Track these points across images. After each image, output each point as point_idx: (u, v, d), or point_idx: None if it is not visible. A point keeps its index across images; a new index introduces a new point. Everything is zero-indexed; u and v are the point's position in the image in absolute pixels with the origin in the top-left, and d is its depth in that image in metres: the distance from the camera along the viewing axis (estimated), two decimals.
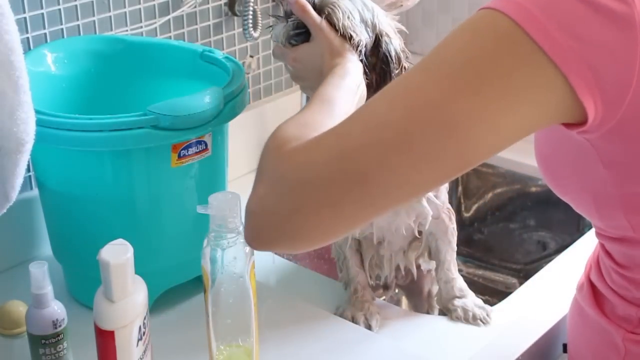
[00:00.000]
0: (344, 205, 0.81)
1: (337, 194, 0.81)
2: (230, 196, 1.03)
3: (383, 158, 0.80)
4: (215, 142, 1.19)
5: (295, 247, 0.87)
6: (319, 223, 0.83)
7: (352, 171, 0.80)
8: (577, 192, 0.98)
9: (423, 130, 0.79)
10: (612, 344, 1.02)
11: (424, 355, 1.17)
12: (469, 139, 0.79)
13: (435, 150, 0.79)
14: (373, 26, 1.13)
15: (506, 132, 0.81)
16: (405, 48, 1.16)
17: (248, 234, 0.87)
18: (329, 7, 1.10)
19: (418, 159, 0.80)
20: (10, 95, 0.90)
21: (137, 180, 1.17)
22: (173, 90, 1.24)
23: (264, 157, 0.89)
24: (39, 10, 1.31)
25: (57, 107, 1.19)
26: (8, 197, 0.96)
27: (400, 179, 0.80)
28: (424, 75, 0.82)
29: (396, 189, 0.81)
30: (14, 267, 1.34)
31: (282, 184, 0.84)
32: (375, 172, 0.80)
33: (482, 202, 1.79)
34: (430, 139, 0.79)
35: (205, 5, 1.54)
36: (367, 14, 1.13)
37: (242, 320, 1.06)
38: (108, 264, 0.96)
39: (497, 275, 1.76)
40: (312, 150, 0.84)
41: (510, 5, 0.80)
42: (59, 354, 1.07)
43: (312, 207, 0.82)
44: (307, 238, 0.84)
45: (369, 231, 1.23)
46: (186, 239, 1.21)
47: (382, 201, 0.82)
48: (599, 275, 1.06)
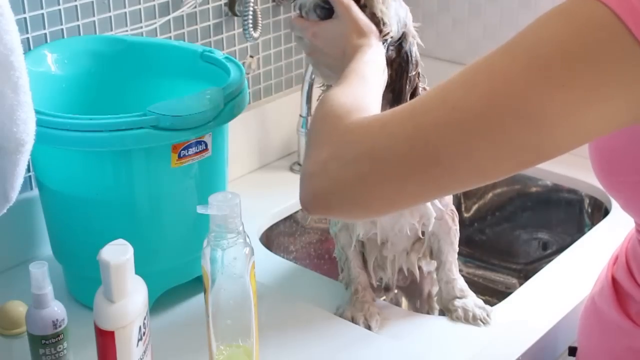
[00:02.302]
0: (409, 182, 0.80)
1: (405, 170, 0.80)
2: (230, 196, 1.03)
3: (458, 141, 0.78)
4: (215, 142, 1.19)
5: (353, 214, 0.86)
6: (381, 195, 0.82)
7: (424, 149, 0.79)
8: (634, 190, 0.93)
9: (504, 119, 0.77)
10: (634, 350, 0.98)
11: (424, 356, 1.17)
12: (552, 134, 0.77)
13: (514, 140, 0.77)
14: (403, 24, 1.13)
15: (591, 128, 0.78)
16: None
17: (305, 197, 0.86)
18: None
19: (494, 146, 0.78)
20: (10, 95, 0.90)
21: (137, 181, 1.17)
22: (173, 90, 1.24)
23: (324, 123, 0.87)
24: (39, 10, 1.31)
25: (57, 107, 1.19)
26: (8, 197, 0.96)
27: (471, 164, 0.79)
28: (510, 61, 0.78)
29: (465, 173, 0.80)
30: (14, 267, 1.34)
31: (350, 152, 0.82)
32: (448, 154, 0.78)
33: (482, 202, 1.79)
34: (511, 128, 0.77)
35: (205, 5, 1.54)
36: (401, 11, 1.13)
37: (242, 321, 1.06)
38: (108, 264, 0.96)
39: (497, 275, 1.76)
40: (386, 122, 0.82)
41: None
42: (59, 354, 1.07)
43: (378, 178, 0.81)
44: (366, 208, 0.84)
45: (372, 232, 1.23)
46: (186, 239, 1.21)
47: (448, 183, 0.81)
48: (627, 273, 1.01)
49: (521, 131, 0.77)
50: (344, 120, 0.85)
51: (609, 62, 0.75)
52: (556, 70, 0.76)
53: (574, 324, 1.16)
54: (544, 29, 0.79)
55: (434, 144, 0.79)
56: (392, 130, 0.81)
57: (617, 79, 0.75)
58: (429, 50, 2.00)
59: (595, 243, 1.44)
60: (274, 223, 1.56)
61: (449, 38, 1.92)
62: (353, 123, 0.85)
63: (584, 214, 1.67)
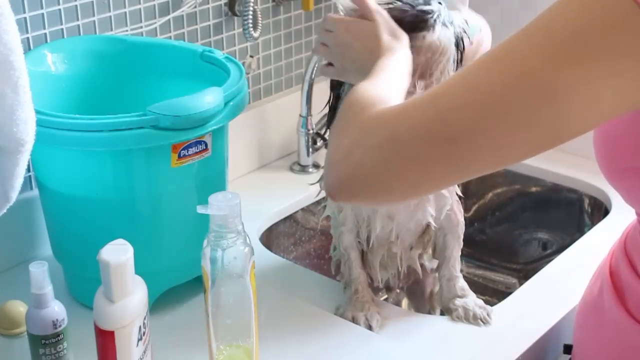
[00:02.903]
0: (432, 164, 0.82)
1: (427, 152, 0.81)
2: (230, 196, 1.03)
3: (477, 121, 0.80)
4: (215, 142, 1.19)
5: (378, 200, 0.88)
6: (404, 179, 0.83)
7: (445, 131, 0.81)
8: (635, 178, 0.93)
9: (521, 97, 0.78)
10: (634, 347, 0.97)
11: (424, 355, 1.17)
12: (568, 111, 0.78)
13: (531, 119, 0.79)
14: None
15: (606, 107, 0.79)
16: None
17: (330, 184, 0.87)
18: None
19: (512, 125, 0.79)
20: (10, 95, 0.90)
21: (137, 180, 1.17)
22: (173, 90, 1.24)
23: (348, 112, 0.90)
24: (39, 10, 1.31)
25: (57, 107, 1.19)
26: (8, 197, 0.96)
27: (491, 144, 0.80)
28: (527, 42, 0.80)
29: (487, 153, 0.81)
30: (14, 267, 1.34)
31: (372, 137, 0.84)
32: (468, 134, 0.80)
33: (482, 202, 1.79)
34: (528, 106, 0.78)
35: (205, 5, 1.54)
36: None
37: (242, 320, 1.06)
38: (108, 264, 0.96)
39: (497, 275, 1.76)
40: (408, 108, 0.84)
41: None
42: (59, 354, 1.07)
43: (400, 162, 0.83)
44: (391, 192, 0.85)
45: (389, 227, 1.23)
46: (186, 239, 1.21)
47: (471, 164, 0.82)
48: (627, 264, 1.00)
49: (538, 109, 0.78)
50: (368, 110, 0.88)
51: (624, 40, 0.76)
52: (571, 49, 0.77)
53: (573, 324, 1.16)
54: (561, 12, 0.80)
55: (454, 124, 0.81)
56: (412, 114, 0.83)
57: (632, 56, 0.76)
58: None
59: (595, 243, 1.44)
60: (274, 223, 1.56)
61: None
62: (376, 111, 0.87)
63: (584, 214, 1.67)
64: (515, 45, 0.81)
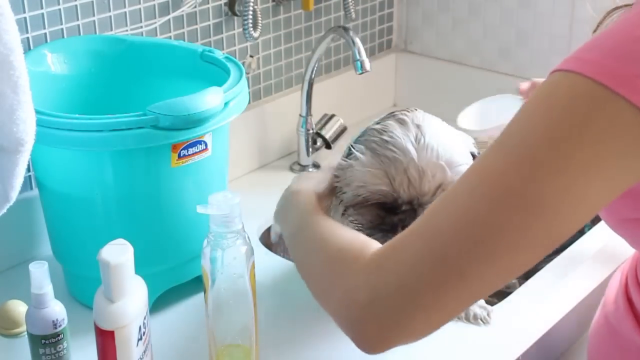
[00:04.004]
0: (446, 302, 0.80)
1: (437, 294, 0.80)
2: (230, 196, 1.03)
3: (475, 253, 0.78)
4: (215, 142, 1.19)
5: (410, 342, 0.86)
6: (425, 320, 0.82)
7: (447, 270, 0.79)
8: (637, 230, 0.92)
9: (509, 218, 0.76)
10: None
11: (424, 355, 1.17)
12: (557, 218, 0.76)
13: (525, 237, 0.77)
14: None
15: (597, 199, 0.77)
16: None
17: (361, 344, 0.88)
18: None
19: (510, 247, 0.77)
20: (10, 95, 0.90)
21: (137, 180, 1.17)
22: (173, 90, 1.24)
23: (339, 267, 0.89)
24: (39, 10, 1.31)
25: (57, 107, 1.19)
26: (8, 197, 0.95)
27: (494, 269, 0.78)
28: (502, 160, 0.78)
29: (493, 277, 0.79)
30: (14, 267, 1.34)
31: (380, 293, 0.82)
32: (470, 267, 0.78)
33: None
34: (519, 226, 0.76)
35: (205, 5, 1.54)
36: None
37: (242, 320, 1.06)
38: (108, 264, 0.96)
39: None
40: (399, 253, 0.82)
41: (584, 64, 0.74)
42: (59, 354, 1.07)
43: (416, 309, 0.81)
44: (419, 334, 0.85)
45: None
46: (186, 239, 1.21)
47: (481, 290, 0.81)
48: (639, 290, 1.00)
49: (529, 226, 0.76)
50: (362, 260, 0.86)
51: (599, 133, 0.73)
52: (546, 159, 0.75)
53: (573, 324, 1.16)
54: (528, 119, 0.78)
55: (454, 262, 0.79)
56: (409, 260, 0.81)
57: (615, 145, 0.74)
58: (429, 50, 2.00)
59: (595, 243, 1.44)
60: (274, 223, 1.56)
61: (449, 38, 1.92)
62: (371, 261, 0.85)
63: None
64: (492, 165, 0.78)
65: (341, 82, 1.85)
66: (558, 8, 1.73)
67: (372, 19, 1.91)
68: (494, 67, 1.86)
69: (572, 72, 0.75)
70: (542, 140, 0.75)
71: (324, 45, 1.62)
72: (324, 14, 1.78)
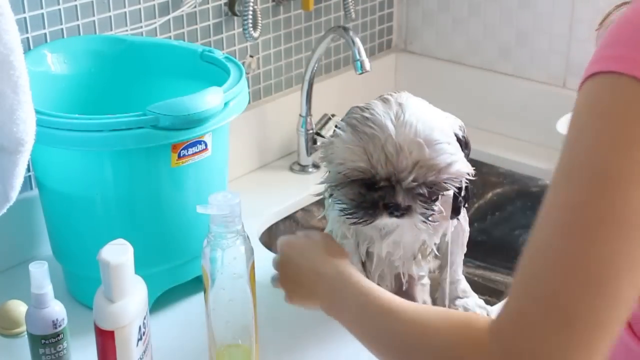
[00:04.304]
0: (575, 349, 0.74)
1: (564, 340, 0.74)
2: (230, 196, 1.03)
3: (586, 291, 0.72)
4: (215, 142, 1.19)
5: None
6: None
7: (563, 314, 0.73)
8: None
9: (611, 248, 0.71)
10: None
11: None
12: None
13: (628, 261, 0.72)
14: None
15: None
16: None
17: None
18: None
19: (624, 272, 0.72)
20: (10, 95, 0.90)
21: (137, 180, 1.17)
22: (173, 90, 1.24)
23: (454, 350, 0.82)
24: (39, 10, 1.31)
25: (57, 107, 1.19)
26: (8, 197, 0.96)
27: (616, 297, 0.73)
28: (574, 188, 0.73)
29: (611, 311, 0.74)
30: (14, 267, 1.34)
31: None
32: (589, 311, 0.73)
33: (482, 202, 1.79)
34: (622, 250, 0.71)
35: (205, 5, 1.54)
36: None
37: (242, 320, 1.06)
38: (108, 264, 0.96)
39: (497, 275, 1.76)
40: (510, 315, 0.77)
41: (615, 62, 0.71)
42: (59, 354, 1.07)
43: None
44: None
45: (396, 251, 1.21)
46: (186, 239, 1.21)
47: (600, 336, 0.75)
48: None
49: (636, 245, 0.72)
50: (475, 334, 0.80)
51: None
52: (620, 172, 0.71)
53: None
54: (583, 137, 0.73)
55: (568, 306, 0.74)
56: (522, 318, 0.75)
57: None
58: (429, 50, 2.00)
59: None
60: (274, 223, 1.56)
61: (449, 38, 1.92)
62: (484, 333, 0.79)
63: None
64: (565, 197, 0.74)
65: (341, 82, 1.84)
66: (558, 8, 1.73)
67: (372, 19, 1.91)
68: (494, 67, 1.86)
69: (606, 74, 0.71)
70: (607, 154, 0.71)
71: (324, 45, 1.62)
72: (324, 14, 1.78)
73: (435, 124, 1.09)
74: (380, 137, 1.07)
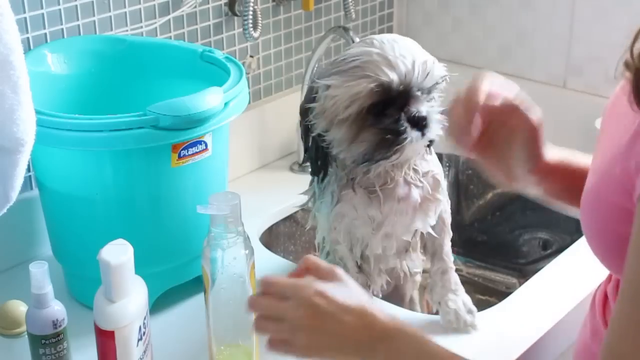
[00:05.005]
0: None
1: None
2: (230, 196, 1.03)
3: None
4: (215, 142, 1.19)
5: None
6: None
7: None
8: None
9: None
10: None
11: None
12: None
13: None
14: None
15: None
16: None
17: None
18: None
19: None
20: (10, 95, 0.90)
21: (137, 180, 1.17)
22: (173, 90, 1.24)
23: None
24: (39, 10, 1.31)
25: (57, 107, 1.19)
26: (8, 197, 0.96)
27: None
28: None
29: None
30: (14, 267, 1.34)
31: None
32: None
33: (482, 202, 1.79)
34: None
35: (205, 5, 1.54)
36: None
37: (242, 320, 1.06)
38: (108, 264, 0.96)
39: (497, 275, 1.76)
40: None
41: None
42: (59, 354, 1.07)
43: None
44: None
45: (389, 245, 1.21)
46: (186, 239, 1.21)
47: None
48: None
49: None
50: None
51: None
52: None
53: (573, 324, 1.16)
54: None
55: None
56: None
57: None
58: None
59: None
60: (274, 223, 1.56)
61: (449, 38, 1.92)
62: None
63: None
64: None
65: None
66: (558, 8, 1.73)
67: (372, 19, 1.91)
68: (494, 67, 1.85)
69: None
70: None
71: (324, 45, 1.62)
72: (324, 14, 1.78)
73: (416, 48, 1.11)
74: (370, 60, 1.07)
